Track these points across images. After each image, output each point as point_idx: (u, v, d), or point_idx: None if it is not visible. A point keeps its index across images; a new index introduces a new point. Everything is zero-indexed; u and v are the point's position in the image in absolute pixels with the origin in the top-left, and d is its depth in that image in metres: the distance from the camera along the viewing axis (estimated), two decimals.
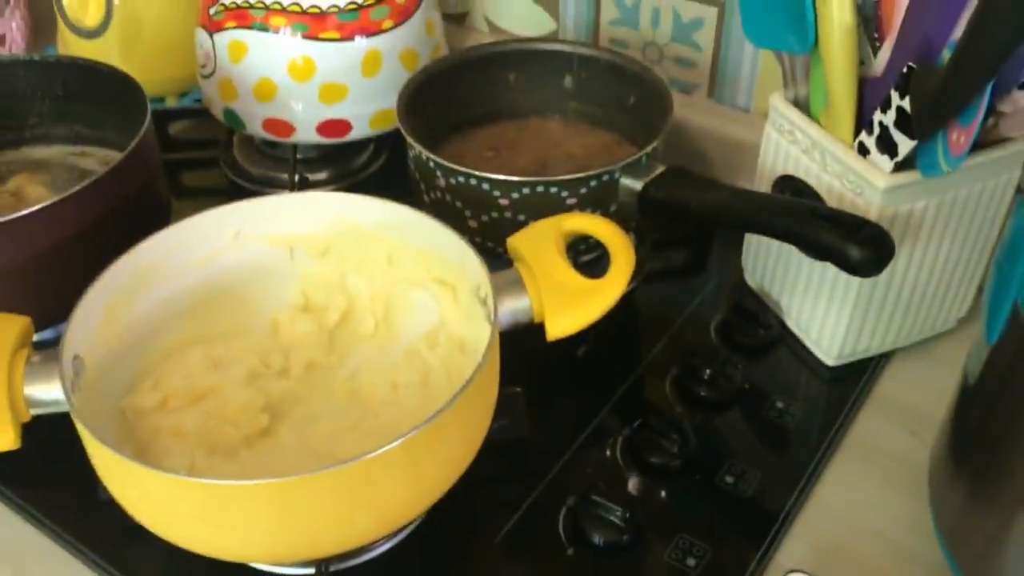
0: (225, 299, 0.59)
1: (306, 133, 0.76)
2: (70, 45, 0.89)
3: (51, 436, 0.50)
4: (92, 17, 0.86)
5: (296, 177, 0.78)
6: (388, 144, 0.83)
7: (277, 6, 0.73)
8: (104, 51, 0.85)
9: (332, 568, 0.51)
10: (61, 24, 0.89)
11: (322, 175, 0.81)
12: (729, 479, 0.57)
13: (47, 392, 0.47)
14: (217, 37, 0.75)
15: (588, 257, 0.67)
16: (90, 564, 0.53)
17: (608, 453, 0.59)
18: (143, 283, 0.55)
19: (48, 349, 0.49)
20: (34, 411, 0.48)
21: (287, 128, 0.76)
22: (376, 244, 0.59)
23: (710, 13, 0.77)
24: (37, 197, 0.69)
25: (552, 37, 0.86)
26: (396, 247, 0.59)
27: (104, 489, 0.48)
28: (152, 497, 0.44)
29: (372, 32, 0.74)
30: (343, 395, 0.56)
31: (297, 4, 0.73)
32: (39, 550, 0.54)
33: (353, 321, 0.60)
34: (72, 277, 0.52)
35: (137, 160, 0.61)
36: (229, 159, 0.84)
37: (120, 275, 0.53)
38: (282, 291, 0.60)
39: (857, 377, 0.63)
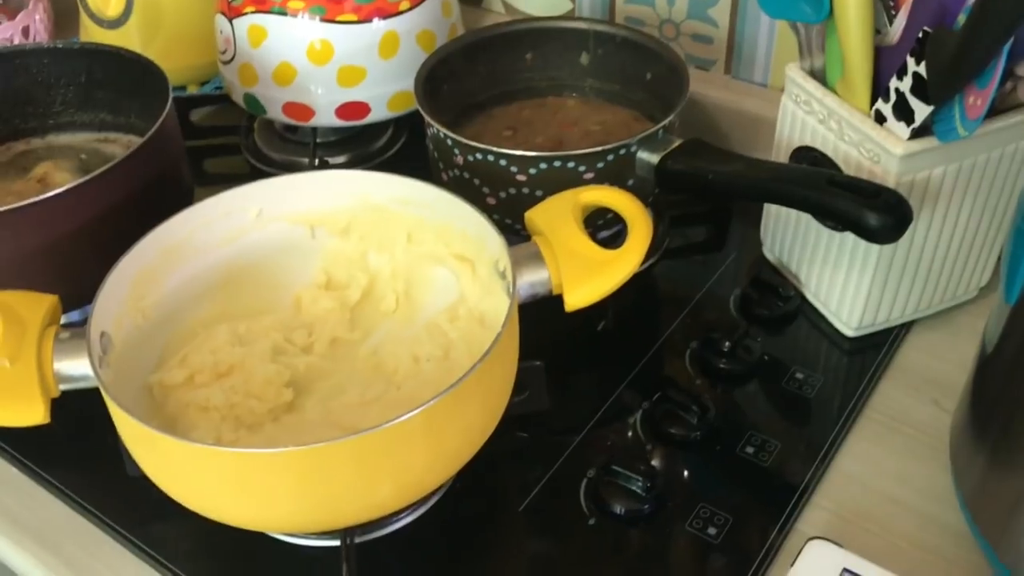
0: (249, 277, 0.60)
1: (325, 116, 0.77)
2: (92, 35, 0.90)
3: (78, 415, 0.52)
4: (113, 7, 0.87)
5: (316, 161, 0.79)
6: (406, 126, 0.84)
7: None
8: (125, 40, 0.87)
9: (356, 539, 0.52)
10: (83, 15, 0.90)
11: (342, 158, 0.82)
12: (750, 449, 0.57)
13: (76, 368, 0.48)
14: (236, 22, 0.76)
15: (606, 233, 0.67)
16: (119, 539, 0.54)
17: (629, 425, 0.59)
18: (168, 261, 0.56)
19: (76, 327, 0.50)
20: (63, 387, 0.49)
21: (307, 112, 0.77)
22: (396, 221, 0.60)
23: None
24: (62, 183, 0.70)
25: (568, 15, 0.86)
26: (415, 224, 0.59)
27: (132, 465, 0.49)
28: (180, 468, 0.45)
29: (389, 14, 0.75)
30: (366, 369, 0.57)
31: None
32: (69, 526, 0.56)
33: (374, 297, 0.61)
34: (97, 258, 0.53)
35: (159, 143, 0.62)
36: (250, 144, 0.85)
37: (146, 253, 0.54)
38: (304, 269, 0.61)
39: (877, 347, 0.63)
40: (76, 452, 0.59)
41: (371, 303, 0.61)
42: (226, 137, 0.86)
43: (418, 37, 0.76)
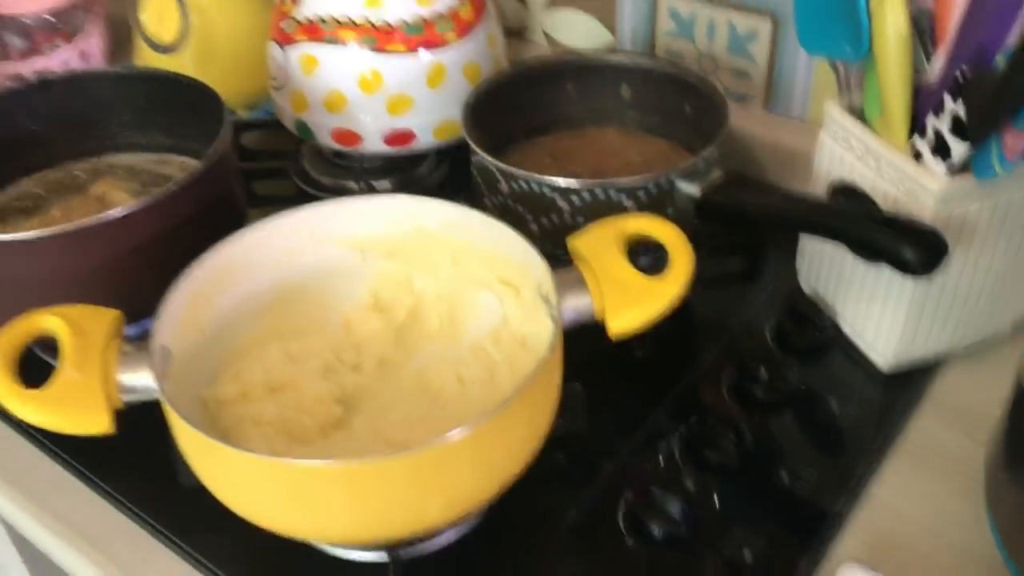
0: (300, 297, 0.62)
1: (373, 143, 0.79)
2: (147, 59, 0.93)
3: (136, 428, 0.54)
4: (169, 33, 0.90)
5: (363, 185, 0.81)
6: (449, 154, 0.86)
7: (347, 20, 0.76)
8: (180, 65, 0.89)
9: (403, 554, 0.54)
10: (139, 39, 0.94)
11: (387, 183, 0.84)
12: (785, 477, 0.58)
13: (138, 379, 0.51)
14: (289, 50, 0.79)
15: (644, 260, 0.69)
16: (171, 546, 0.56)
17: (666, 450, 0.60)
18: (224, 280, 0.58)
19: (138, 340, 0.52)
20: (126, 398, 0.51)
21: (355, 138, 0.79)
22: (441, 245, 0.62)
23: (765, 25, 0.78)
24: (120, 202, 0.73)
25: (610, 49, 0.89)
26: (461, 248, 0.61)
27: (189, 475, 0.51)
28: (238, 478, 0.47)
29: (437, 46, 0.77)
30: (412, 389, 0.59)
31: (366, 18, 0.76)
32: (124, 533, 0.58)
33: (420, 319, 0.63)
34: (155, 275, 0.55)
35: (216, 167, 0.65)
36: (299, 168, 0.87)
37: (204, 272, 0.56)
38: (353, 290, 0.63)
39: (912, 379, 0.64)
40: (133, 462, 0.61)
41: (416, 325, 0.63)
42: (275, 161, 0.89)
43: (464, 68, 0.79)
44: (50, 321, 0.52)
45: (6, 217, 0.73)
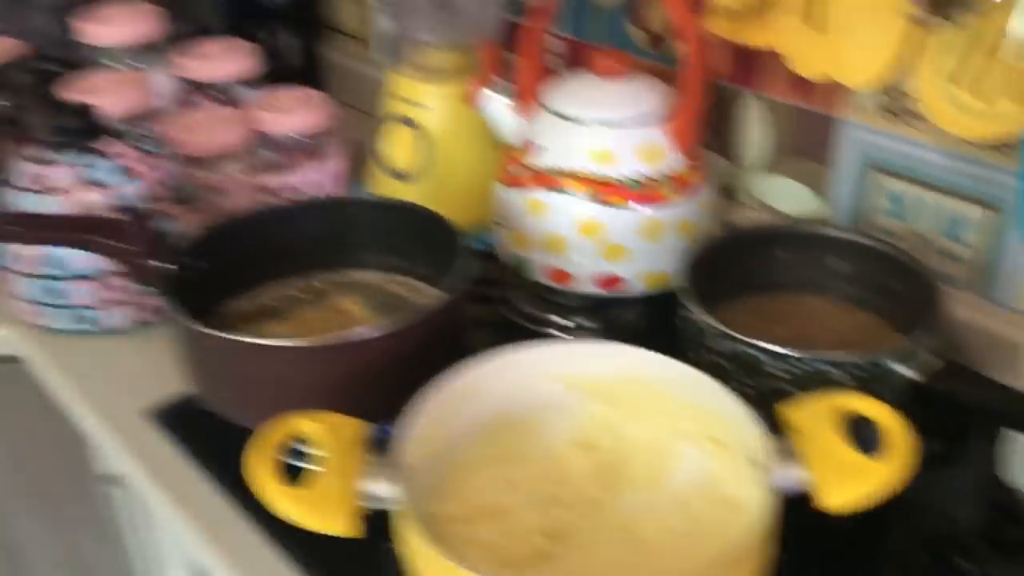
0: (517, 426, 0.66)
1: (584, 284, 0.85)
2: (381, 184, 1.03)
3: None
4: (406, 163, 1.00)
5: (569, 323, 0.86)
6: (655, 303, 0.90)
7: (575, 172, 0.82)
8: (412, 192, 0.98)
9: None
10: (375, 165, 1.03)
11: (591, 323, 0.89)
12: None
13: (380, 489, 0.55)
14: (516, 193, 0.86)
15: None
16: None
17: None
18: (456, 404, 0.63)
19: (379, 451, 0.57)
20: (366, 505, 0.56)
21: (568, 278, 0.85)
22: (656, 396, 0.65)
23: (982, 212, 0.80)
24: (355, 315, 0.80)
25: (822, 221, 0.91)
26: (674, 401, 0.64)
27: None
28: None
29: (658, 203, 0.82)
30: (616, 531, 0.61)
31: (593, 172, 0.82)
32: None
33: (626, 464, 0.66)
34: (394, 389, 0.61)
35: (458, 297, 0.71)
36: (505, 297, 0.93)
37: (441, 394, 0.62)
38: (566, 426, 0.67)
39: None
40: (349, 559, 0.65)
41: (622, 469, 0.66)
42: (484, 287, 0.95)
43: (680, 225, 0.83)
44: (308, 425, 0.58)
45: (253, 319, 0.81)
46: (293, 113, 1.05)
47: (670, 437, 0.65)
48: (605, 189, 0.82)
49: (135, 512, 0.96)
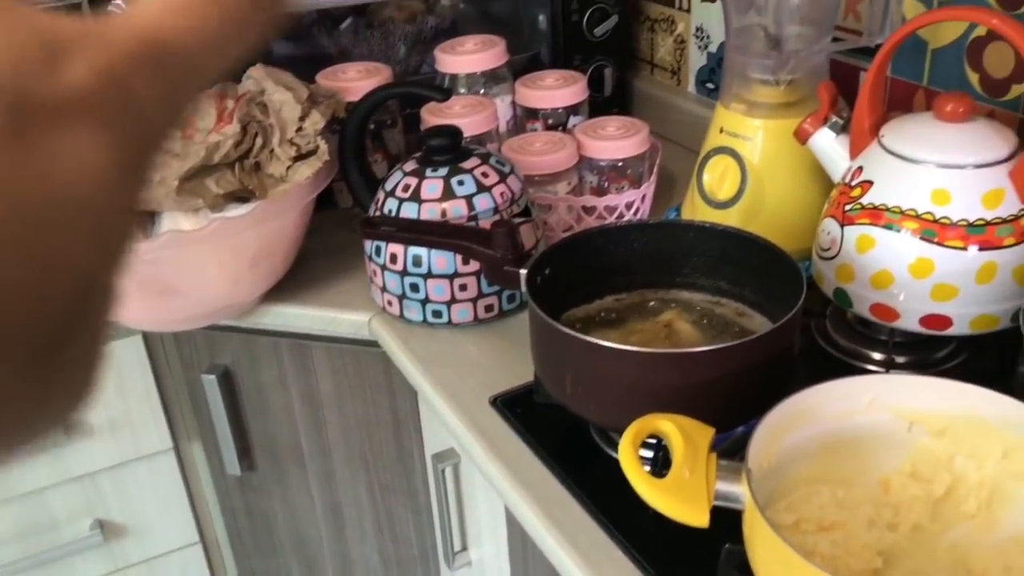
0: (845, 450, 0.70)
1: (909, 322, 0.86)
2: (697, 210, 1.09)
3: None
4: (726, 192, 1.05)
5: (884, 357, 0.88)
6: (970, 341, 0.90)
7: (912, 212, 0.85)
8: (727, 218, 1.04)
9: None
10: (694, 192, 1.10)
11: (904, 358, 0.90)
12: None
13: (731, 489, 0.61)
14: (847, 229, 0.89)
15: None
16: None
17: None
18: (792, 422, 0.68)
19: (727, 456, 0.64)
20: (716, 503, 0.62)
21: (892, 314, 0.87)
22: (994, 436, 0.67)
23: None
24: (683, 332, 0.87)
25: None
26: (1015, 444, 0.66)
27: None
28: None
29: (993, 247, 0.83)
30: (947, 562, 0.64)
31: (930, 213, 0.84)
32: None
33: (956, 498, 0.68)
34: (733, 401, 0.66)
35: (792, 322, 0.76)
36: (821, 327, 0.96)
37: (783, 411, 0.67)
38: (894, 455, 0.70)
39: None
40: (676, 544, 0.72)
41: (952, 502, 0.68)
42: (803, 317, 0.99)
43: (1015, 270, 0.83)
44: (665, 425, 0.65)
45: (593, 326, 0.90)
46: (617, 140, 1.14)
47: (1009, 479, 0.66)
48: (940, 230, 0.84)
49: (455, 488, 1.08)
